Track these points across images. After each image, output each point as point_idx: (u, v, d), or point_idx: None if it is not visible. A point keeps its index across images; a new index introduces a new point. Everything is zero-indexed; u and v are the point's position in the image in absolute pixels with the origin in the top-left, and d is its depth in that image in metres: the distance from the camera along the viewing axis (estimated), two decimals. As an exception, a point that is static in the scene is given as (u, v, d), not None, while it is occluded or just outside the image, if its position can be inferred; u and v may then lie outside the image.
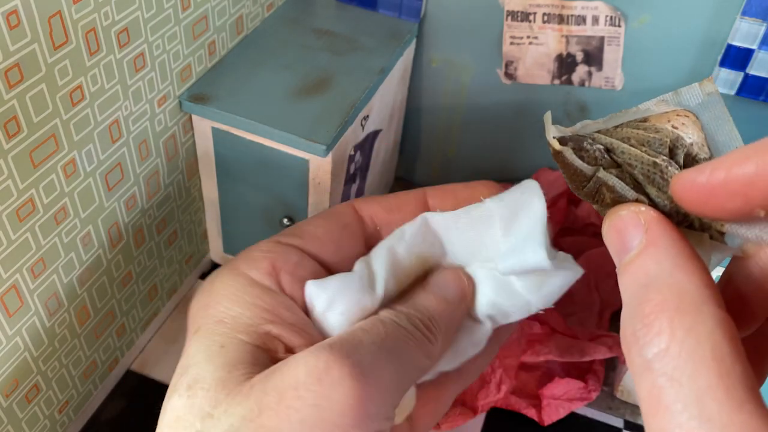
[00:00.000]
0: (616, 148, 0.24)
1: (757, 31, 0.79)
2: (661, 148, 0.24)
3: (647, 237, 0.21)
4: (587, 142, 0.25)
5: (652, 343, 0.18)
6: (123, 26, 0.63)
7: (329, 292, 0.27)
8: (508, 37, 0.90)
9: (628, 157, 0.24)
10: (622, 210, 0.22)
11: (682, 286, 0.19)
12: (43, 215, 0.62)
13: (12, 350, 0.64)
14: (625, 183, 0.24)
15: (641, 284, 0.20)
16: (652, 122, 0.25)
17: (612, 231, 0.22)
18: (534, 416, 0.73)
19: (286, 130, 0.74)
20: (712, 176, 0.19)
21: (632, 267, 0.20)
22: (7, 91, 0.53)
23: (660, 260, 0.20)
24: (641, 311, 0.19)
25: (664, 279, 0.19)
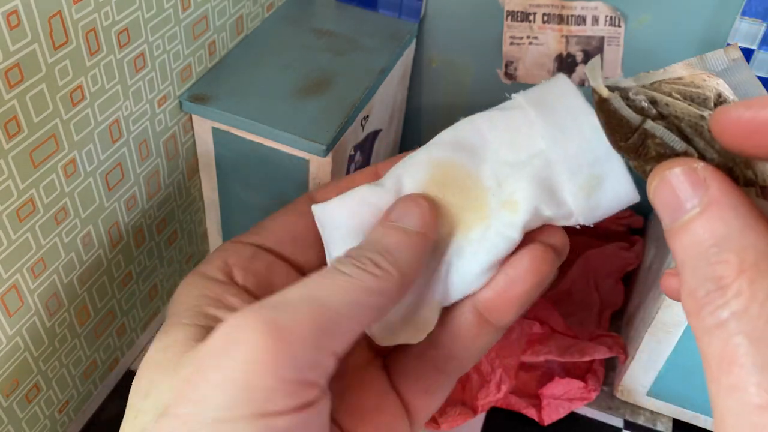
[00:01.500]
0: (660, 101, 0.24)
1: (757, 32, 0.79)
2: (706, 102, 0.23)
3: (710, 194, 0.20)
4: (632, 93, 0.24)
5: (729, 304, 0.17)
6: (123, 26, 0.63)
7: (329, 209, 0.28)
8: (508, 37, 0.90)
9: (674, 109, 0.23)
10: (675, 166, 0.21)
11: (758, 247, 0.18)
12: (44, 215, 0.62)
13: (12, 350, 0.64)
14: (673, 132, 0.23)
15: (709, 245, 0.19)
16: (690, 79, 0.24)
17: (665, 188, 0.21)
18: (534, 416, 0.73)
19: (286, 130, 0.74)
20: (759, 112, 0.19)
21: (694, 227, 0.19)
22: (8, 91, 0.53)
23: (728, 220, 0.19)
24: (714, 272, 0.18)
25: (737, 239, 0.18)
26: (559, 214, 0.28)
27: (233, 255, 0.29)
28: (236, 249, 0.29)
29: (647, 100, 0.24)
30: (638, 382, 0.75)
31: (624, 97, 0.24)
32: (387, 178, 0.30)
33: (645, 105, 0.24)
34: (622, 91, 0.25)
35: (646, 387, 0.77)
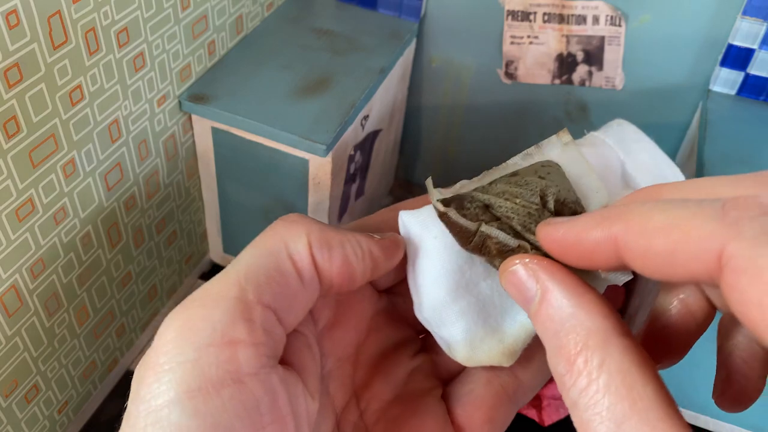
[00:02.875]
0: (493, 204, 0.27)
1: (758, 31, 0.79)
2: (533, 198, 0.26)
3: (542, 285, 0.22)
4: (467, 201, 0.27)
5: (575, 384, 0.20)
6: (123, 26, 0.63)
7: (421, 218, 0.29)
8: (509, 37, 0.90)
9: (505, 210, 0.26)
10: (511, 264, 0.24)
11: (587, 324, 0.21)
12: (43, 215, 0.62)
13: (11, 350, 0.64)
14: (505, 231, 0.26)
15: (553, 331, 0.21)
16: (522, 175, 0.27)
17: (510, 287, 0.24)
18: (534, 416, 0.73)
19: (286, 130, 0.74)
20: (566, 236, 0.22)
21: (539, 316, 0.22)
22: (7, 91, 0.53)
23: (559, 306, 0.21)
24: (560, 355, 0.21)
25: (569, 322, 0.21)
26: None
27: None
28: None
29: (481, 205, 0.27)
30: (639, 382, 0.75)
31: (459, 207, 0.27)
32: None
33: (479, 212, 0.27)
34: (458, 201, 0.27)
35: (647, 387, 0.77)
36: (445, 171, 1.10)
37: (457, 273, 0.28)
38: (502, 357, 0.28)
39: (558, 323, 0.21)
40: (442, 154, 1.09)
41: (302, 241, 0.24)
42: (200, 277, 0.97)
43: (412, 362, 0.30)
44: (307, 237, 0.24)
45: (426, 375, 0.31)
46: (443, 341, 0.28)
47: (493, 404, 0.29)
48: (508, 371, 0.30)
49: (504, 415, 0.30)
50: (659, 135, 0.92)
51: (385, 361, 0.30)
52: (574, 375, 0.20)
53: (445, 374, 0.31)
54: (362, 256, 0.26)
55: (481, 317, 0.28)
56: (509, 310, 0.29)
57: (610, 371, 0.19)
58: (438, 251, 0.28)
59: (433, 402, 0.30)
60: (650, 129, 0.32)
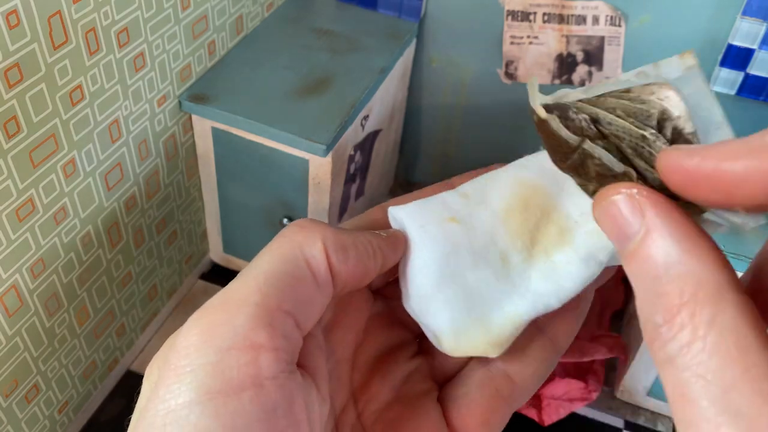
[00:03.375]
0: (602, 119, 0.23)
1: (758, 31, 0.79)
2: (649, 120, 0.23)
3: (648, 222, 0.19)
4: (572, 111, 0.24)
5: (674, 338, 0.17)
6: (123, 26, 0.63)
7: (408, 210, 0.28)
8: (509, 37, 0.90)
9: (616, 128, 0.23)
10: (612, 193, 0.21)
11: (697, 274, 0.18)
12: (43, 215, 0.62)
13: (12, 350, 0.64)
14: (612, 155, 0.23)
15: (653, 275, 0.19)
16: (638, 92, 0.24)
17: (606, 218, 0.21)
18: (534, 416, 0.73)
19: (286, 130, 0.74)
20: (700, 165, 0.19)
21: (638, 256, 0.19)
22: (7, 91, 0.53)
23: (667, 247, 0.19)
24: (659, 305, 0.18)
25: (676, 268, 0.18)
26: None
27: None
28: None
29: (588, 118, 0.24)
30: (639, 382, 0.75)
31: (563, 117, 0.24)
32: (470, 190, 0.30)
33: (584, 125, 0.23)
34: (562, 109, 0.24)
35: (647, 387, 0.77)
36: (445, 171, 1.10)
37: (443, 262, 0.27)
38: (487, 347, 0.28)
39: (662, 267, 0.18)
40: (442, 154, 1.09)
41: (318, 246, 0.24)
42: (200, 277, 0.97)
43: (408, 364, 0.30)
44: (322, 241, 0.24)
45: (422, 377, 0.30)
46: (430, 332, 0.28)
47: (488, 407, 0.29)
48: (502, 374, 0.30)
49: (499, 417, 0.29)
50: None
51: (382, 363, 0.30)
52: (675, 328, 0.17)
53: (440, 377, 0.31)
54: (374, 254, 0.26)
55: (466, 307, 0.28)
56: (497, 300, 0.28)
57: (722, 329, 0.17)
58: (423, 241, 0.28)
59: (429, 404, 0.29)
60: (650, 129, 0.32)
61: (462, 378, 0.30)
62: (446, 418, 0.29)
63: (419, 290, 0.28)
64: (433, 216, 0.28)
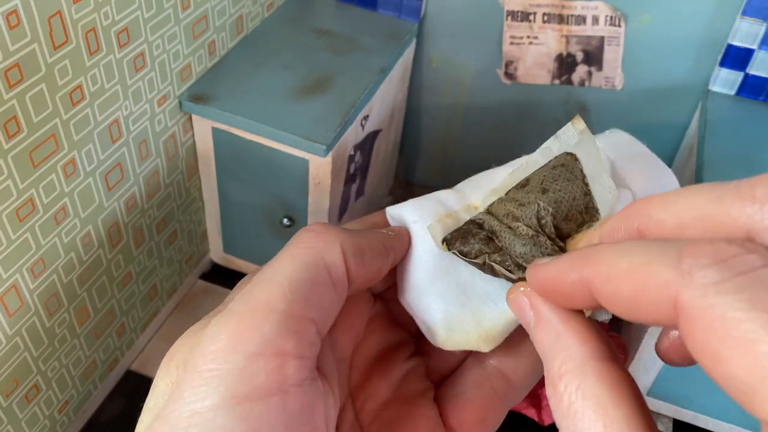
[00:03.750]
0: (497, 232, 0.28)
1: (758, 31, 0.79)
2: (532, 221, 0.28)
3: (534, 313, 0.24)
4: (471, 235, 0.29)
5: (557, 407, 0.21)
6: (123, 26, 0.63)
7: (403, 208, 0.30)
8: (508, 37, 0.90)
9: (506, 241, 0.28)
10: (511, 293, 0.25)
11: (568, 350, 0.22)
12: (43, 215, 0.62)
13: (12, 350, 0.64)
14: (507, 265, 0.28)
15: (544, 353, 0.23)
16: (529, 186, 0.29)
17: (514, 312, 0.25)
18: (534, 416, 0.73)
19: (286, 130, 0.74)
20: (546, 278, 0.23)
21: (536, 339, 0.23)
22: (7, 91, 0.53)
23: (547, 331, 0.23)
24: (549, 377, 0.22)
25: (554, 346, 0.22)
26: None
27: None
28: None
29: (485, 237, 0.29)
30: (638, 382, 0.75)
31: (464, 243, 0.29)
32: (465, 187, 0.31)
33: (482, 246, 0.29)
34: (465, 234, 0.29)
35: (646, 387, 0.77)
36: (445, 171, 1.10)
37: (437, 257, 0.29)
38: (479, 340, 0.29)
39: (546, 347, 0.23)
40: (442, 154, 1.09)
41: (337, 252, 0.25)
42: (200, 277, 0.97)
43: (405, 364, 0.31)
44: (340, 246, 0.25)
45: (419, 377, 0.31)
46: (423, 325, 0.29)
47: (483, 406, 0.30)
48: (498, 373, 0.30)
49: (495, 415, 0.30)
50: (659, 135, 0.92)
51: (379, 363, 0.31)
52: (556, 397, 0.21)
53: (437, 376, 0.32)
54: (386, 253, 0.28)
55: (460, 300, 0.29)
56: (491, 295, 0.29)
57: (584, 395, 0.20)
58: (418, 236, 0.29)
59: (426, 403, 0.30)
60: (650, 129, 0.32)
61: (458, 377, 0.31)
62: (443, 416, 0.30)
63: (414, 284, 0.29)
64: (429, 212, 0.30)
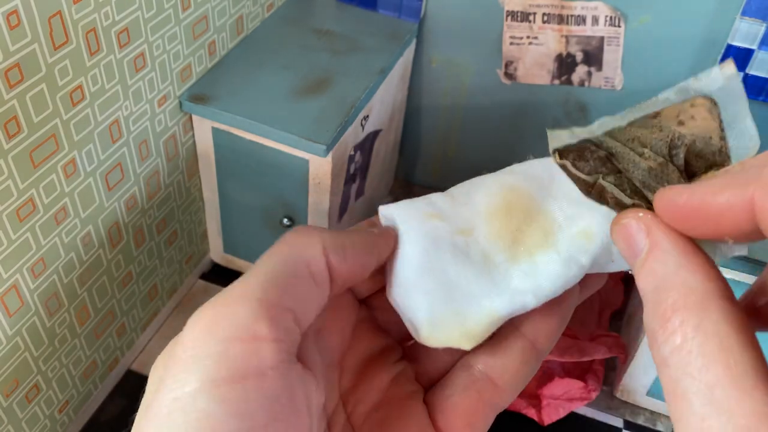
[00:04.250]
0: (617, 154, 0.26)
1: (757, 31, 0.79)
2: (663, 148, 0.26)
3: (650, 240, 0.22)
4: (589, 151, 0.27)
5: (667, 342, 0.20)
6: (123, 26, 0.63)
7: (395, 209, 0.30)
8: (508, 37, 0.90)
9: (628, 163, 0.26)
10: (624, 218, 0.24)
11: (688, 284, 0.20)
12: (43, 215, 0.62)
13: (12, 350, 0.64)
14: (623, 188, 0.26)
15: (653, 286, 0.21)
16: (662, 117, 0.27)
17: (619, 239, 0.24)
18: (534, 416, 0.73)
19: (286, 130, 0.74)
20: (689, 201, 0.21)
21: (643, 270, 0.22)
22: (8, 91, 0.53)
23: (664, 261, 0.21)
24: (657, 312, 0.20)
25: (671, 279, 0.21)
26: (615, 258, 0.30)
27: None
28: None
29: (603, 155, 0.27)
30: (638, 382, 0.75)
31: (579, 157, 0.27)
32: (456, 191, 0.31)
33: (598, 163, 0.27)
34: (579, 150, 0.27)
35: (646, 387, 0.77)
36: (445, 171, 1.10)
37: (424, 256, 0.29)
38: (461, 338, 0.29)
39: (660, 278, 0.21)
40: (442, 154, 1.09)
41: (317, 248, 0.25)
42: (200, 277, 0.97)
43: (394, 368, 0.31)
44: (321, 243, 0.25)
45: (408, 380, 0.31)
46: (408, 321, 0.29)
47: (471, 409, 0.30)
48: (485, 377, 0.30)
49: (483, 418, 0.30)
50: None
51: (368, 367, 0.31)
52: (667, 332, 0.20)
53: (425, 380, 0.32)
54: (370, 250, 0.27)
55: (445, 299, 0.29)
56: (475, 295, 0.29)
57: (706, 333, 0.19)
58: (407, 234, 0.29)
59: (416, 405, 0.30)
60: (649, 129, 0.32)
61: (446, 381, 0.31)
62: (432, 419, 0.30)
63: (401, 281, 0.29)
64: (418, 213, 0.30)
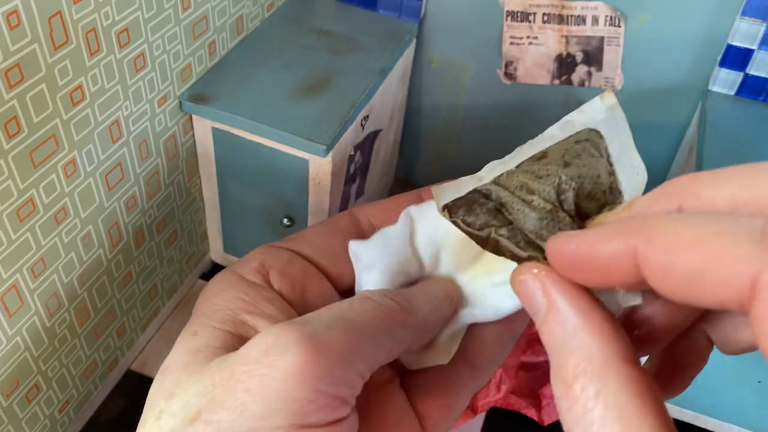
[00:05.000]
0: (507, 204, 0.26)
1: (757, 31, 0.79)
2: (550, 195, 0.25)
3: (547, 301, 0.21)
4: (478, 204, 0.26)
5: (570, 410, 0.19)
6: (123, 26, 0.63)
7: (368, 253, 0.29)
8: (508, 38, 0.90)
9: (517, 213, 0.25)
10: (519, 274, 0.23)
11: (587, 348, 0.20)
12: (44, 215, 0.62)
13: (12, 350, 0.64)
14: (517, 241, 0.25)
15: (555, 348, 0.20)
16: (548, 158, 0.26)
17: (519, 295, 0.23)
18: (534, 416, 0.73)
19: (286, 130, 0.74)
20: (576, 250, 0.20)
21: (544, 330, 0.21)
22: (8, 91, 0.53)
23: (562, 323, 0.21)
24: (559, 375, 0.20)
25: (570, 342, 0.20)
26: None
27: (270, 258, 0.29)
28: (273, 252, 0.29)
29: (492, 208, 0.26)
30: (638, 382, 0.75)
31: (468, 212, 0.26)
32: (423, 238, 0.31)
33: (488, 217, 0.26)
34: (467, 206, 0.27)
35: (646, 387, 0.77)
36: (445, 171, 1.10)
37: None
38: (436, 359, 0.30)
39: (560, 342, 0.20)
40: (442, 154, 1.09)
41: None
42: (200, 276, 0.97)
43: None
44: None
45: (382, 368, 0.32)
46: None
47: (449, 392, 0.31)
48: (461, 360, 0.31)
49: (461, 400, 0.31)
50: (659, 135, 0.92)
51: None
52: (570, 401, 0.19)
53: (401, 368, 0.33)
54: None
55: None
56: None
57: (606, 403, 0.18)
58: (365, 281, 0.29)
59: (394, 390, 0.31)
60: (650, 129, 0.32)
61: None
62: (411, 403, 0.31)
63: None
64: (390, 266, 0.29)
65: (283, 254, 0.30)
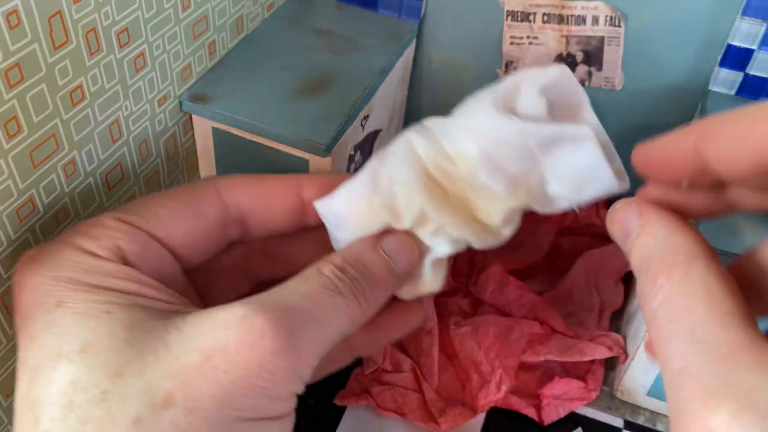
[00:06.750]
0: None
1: (757, 31, 0.79)
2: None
3: (642, 219, 0.25)
4: None
5: (656, 296, 0.21)
6: (123, 26, 0.63)
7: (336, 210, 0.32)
8: (508, 37, 0.90)
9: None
10: (618, 204, 0.27)
11: (676, 245, 0.22)
12: (44, 215, 0.62)
13: (12, 350, 0.64)
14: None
15: (644, 257, 0.23)
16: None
17: (615, 224, 0.26)
18: (534, 416, 0.73)
19: (286, 130, 0.74)
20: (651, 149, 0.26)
21: (635, 246, 0.24)
22: (8, 91, 0.53)
23: (655, 233, 0.24)
24: (648, 275, 0.22)
25: (661, 244, 0.23)
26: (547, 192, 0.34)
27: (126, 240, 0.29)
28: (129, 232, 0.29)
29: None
30: (638, 382, 0.75)
31: None
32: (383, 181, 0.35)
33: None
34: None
35: (646, 387, 0.77)
36: (445, 171, 1.10)
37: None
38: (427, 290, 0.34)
39: (650, 248, 0.23)
40: (442, 154, 1.09)
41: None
42: (200, 277, 0.97)
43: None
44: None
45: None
46: None
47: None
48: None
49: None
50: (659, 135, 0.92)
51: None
52: (656, 288, 0.21)
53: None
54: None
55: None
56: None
57: (692, 282, 0.20)
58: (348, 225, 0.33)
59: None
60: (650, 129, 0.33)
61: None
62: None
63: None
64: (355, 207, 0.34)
65: (139, 236, 0.30)
